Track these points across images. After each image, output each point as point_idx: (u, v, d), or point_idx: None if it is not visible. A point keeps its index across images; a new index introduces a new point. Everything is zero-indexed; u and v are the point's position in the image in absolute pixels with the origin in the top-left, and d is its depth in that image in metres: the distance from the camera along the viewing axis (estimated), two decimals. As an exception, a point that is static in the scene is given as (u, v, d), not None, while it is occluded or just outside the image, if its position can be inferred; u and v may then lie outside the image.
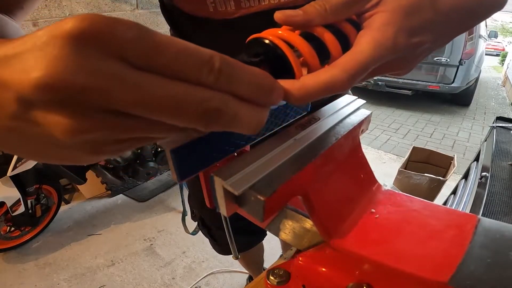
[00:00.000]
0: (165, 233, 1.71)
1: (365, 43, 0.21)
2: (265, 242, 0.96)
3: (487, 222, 0.25)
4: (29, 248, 1.59)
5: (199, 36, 0.50)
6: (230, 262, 1.45)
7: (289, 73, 0.20)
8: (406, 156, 2.03)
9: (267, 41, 0.20)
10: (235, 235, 0.43)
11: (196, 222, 0.82)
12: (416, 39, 0.22)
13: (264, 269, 1.02)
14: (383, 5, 0.21)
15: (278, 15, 0.21)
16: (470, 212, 0.84)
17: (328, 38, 0.22)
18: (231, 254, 0.84)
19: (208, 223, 0.78)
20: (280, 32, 0.21)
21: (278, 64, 0.20)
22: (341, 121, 0.29)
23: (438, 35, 0.23)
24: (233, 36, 0.45)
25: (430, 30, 0.22)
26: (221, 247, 0.85)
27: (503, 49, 9.85)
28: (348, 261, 0.25)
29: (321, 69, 0.21)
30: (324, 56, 0.22)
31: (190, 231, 0.86)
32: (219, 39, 0.47)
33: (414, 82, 3.82)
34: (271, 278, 0.27)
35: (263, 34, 0.21)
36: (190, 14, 0.46)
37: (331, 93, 0.20)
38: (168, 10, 0.52)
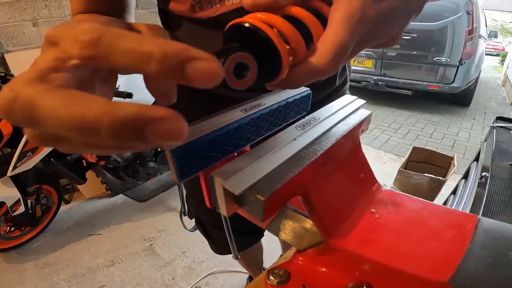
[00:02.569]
0: (165, 233, 1.71)
1: (338, 21, 0.20)
2: (265, 242, 0.96)
3: (487, 222, 0.25)
4: (29, 248, 1.59)
5: (188, 37, 0.50)
6: (230, 262, 1.45)
7: (274, 54, 0.20)
8: (406, 156, 2.02)
9: (247, 25, 0.20)
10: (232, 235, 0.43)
11: (193, 220, 0.83)
12: (384, 4, 0.22)
13: (264, 269, 1.02)
14: None
15: (246, 1, 0.21)
16: (470, 212, 0.84)
17: (305, 16, 0.22)
18: (228, 254, 0.84)
19: (204, 222, 0.78)
20: (259, 15, 0.21)
21: (261, 46, 0.20)
22: (341, 121, 0.29)
23: None
24: (217, 34, 0.45)
25: None
26: (217, 247, 0.85)
27: (503, 49, 9.86)
28: (348, 261, 0.25)
29: (306, 60, 0.21)
30: (306, 35, 0.22)
31: (189, 228, 0.86)
32: (206, 38, 0.47)
33: (414, 82, 3.82)
34: (271, 278, 0.27)
35: (242, 19, 0.21)
36: (180, 15, 0.47)
37: (320, 78, 0.22)
38: (162, 13, 0.52)
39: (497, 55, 9.51)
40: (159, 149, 1.88)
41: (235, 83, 0.19)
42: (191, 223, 0.84)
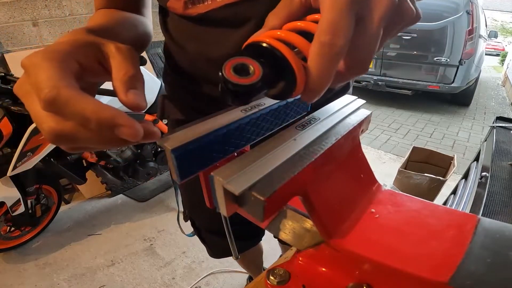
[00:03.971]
0: (165, 233, 1.71)
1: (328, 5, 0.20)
2: (265, 242, 0.96)
3: (487, 222, 0.25)
4: (29, 248, 1.59)
5: (181, 35, 0.50)
6: (230, 262, 1.45)
7: (290, 73, 0.20)
8: (406, 156, 2.03)
9: (264, 45, 0.21)
10: (227, 239, 0.43)
11: (189, 223, 0.82)
12: None
13: (264, 269, 1.02)
14: None
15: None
16: (470, 212, 0.84)
17: (314, 27, 0.22)
18: (224, 257, 0.83)
19: (198, 225, 0.78)
20: (279, 33, 0.21)
21: (277, 64, 0.20)
22: (341, 121, 0.29)
23: None
24: (206, 30, 0.45)
25: None
26: (212, 250, 0.84)
27: (503, 49, 9.86)
28: (348, 261, 0.25)
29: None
30: None
31: (187, 233, 0.85)
32: (195, 36, 0.48)
33: (414, 82, 3.82)
34: (271, 278, 0.27)
35: (260, 37, 0.21)
36: (175, 13, 0.47)
37: (336, 56, 0.19)
38: (161, 11, 0.52)
39: (497, 55, 9.51)
40: (159, 149, 1.88)
41: (238, 79, 0.20)
42: (190, 227, 0.84)
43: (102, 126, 0.20)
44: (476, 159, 1.25)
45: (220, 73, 0.20)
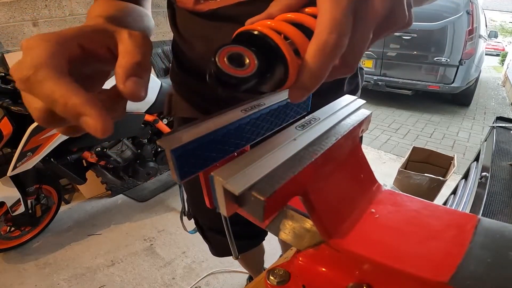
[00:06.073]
0: (165, 233, 1.71)
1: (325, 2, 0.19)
2: (265, 242, 0.96)
3: (487, 222, 0.25)
4: (29, 248, 1.59)
5: (190, 33, 0.50)
6: (230, 262, 1.45)
7: (282, 61, 0.20)
8: (406, 156, 2.03)
9: (257, 33, 0.20)
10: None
11: (193, 221, 0.82)
12: None
13: (264, 269, 1.02)
14: None
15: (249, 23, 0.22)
16: (470, 212, 0.84)
17: (310, 21, 0.22)
18: (226, 256, 0.83)
19: (201, 224, 0.78)
20: (269, 22, 0.21)
21: (269, 55, 0.20)
22: (341, 121, 0.29)
23: None
24: (216, 25, 0.45)
25: None
26: (215, 249, 0.84)
27: (503, 49, 9.87)
28: (348, 261, 0.25)
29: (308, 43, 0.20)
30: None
31: (189, 230, 0.86)
32: (204, 33, 0.47)
33: (414, 82, 3.82)
34: (271, 278, 0.27)
35: (253, 26, 0.21)
36: (184, 9, 0.47)
37: (330, 60, 0.19)
38: (171, 9, 0.52)
39: (497, 55, 9.52)
40: (159, 149, 1.88)
41: (233, 70, 0.19)
42: (192, 225, 0.84)
43: (67, 112, 0.19)
44: (476, 159, 1.25)
45: (212, 59, 0.19)
